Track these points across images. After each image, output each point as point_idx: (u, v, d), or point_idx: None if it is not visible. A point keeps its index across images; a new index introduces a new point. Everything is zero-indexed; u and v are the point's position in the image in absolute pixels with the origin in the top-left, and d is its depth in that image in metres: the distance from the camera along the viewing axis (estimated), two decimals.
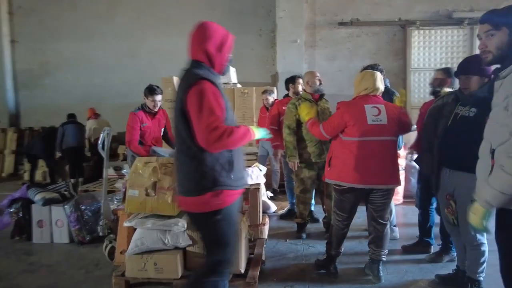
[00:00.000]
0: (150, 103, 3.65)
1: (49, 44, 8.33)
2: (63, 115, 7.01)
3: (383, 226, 2.71)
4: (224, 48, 1.78)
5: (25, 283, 2.80)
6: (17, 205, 3.72)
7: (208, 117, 1.57)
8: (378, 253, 2.72)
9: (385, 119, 2.59)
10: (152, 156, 2.87)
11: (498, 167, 1.46)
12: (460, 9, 7.46)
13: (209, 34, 1.75)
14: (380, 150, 2.57)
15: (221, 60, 1.78)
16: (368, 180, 2.56)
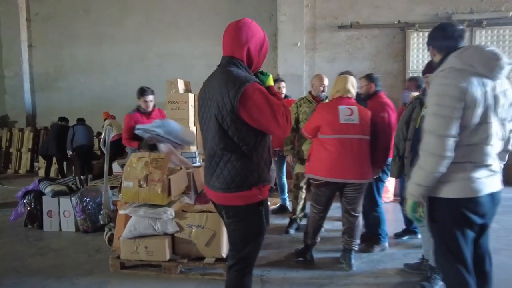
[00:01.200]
0: (142, 104, 3.85)
1: (64, 49, 8.82)
2: (76, 116, 7.45)
3: (355, 218, 2.94)
4: (263, 49, 1.76)
5: (35, 263, 3.16)
6: (30, 196, 4.10)
7: (281, 110, 1.64)
8: (350, 242, 2.95)
9: (357, 119, 2.83)
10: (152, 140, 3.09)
11: (416, 162, 1.71)
12: (459, 11, 7.55)
13: (252, 32, 1.70)
14: (352, 147, 2.80)
15: (259, 60, 1.76)
16: (341, 175, 2.80)
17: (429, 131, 1.68)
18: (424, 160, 1.69)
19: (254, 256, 1.85)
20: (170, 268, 2.84)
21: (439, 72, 1.76)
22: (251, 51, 1.69)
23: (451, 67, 1.71)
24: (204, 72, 9.05)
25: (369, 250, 3.29)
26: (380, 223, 3.32)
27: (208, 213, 2.88)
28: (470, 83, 1.63)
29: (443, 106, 1.65)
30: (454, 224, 1.70)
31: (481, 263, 1.80)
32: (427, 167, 1.67)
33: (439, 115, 1.65)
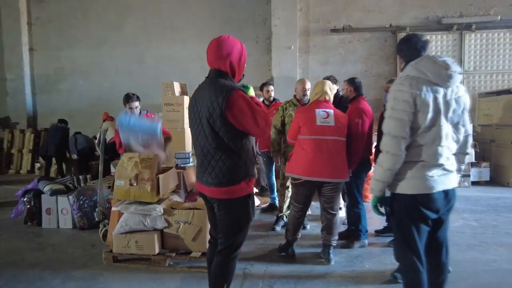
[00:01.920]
0: (128, 110, 4.04)
1: (64, 52, 9.04)
2: (76, 117, 7.71)
3: (332, 215, 3.12)
4: (242, 60, 1.99)
5: (33, 257, 3.36)
6: (30, 195, 4.30)
7: (261, 114, 1.88)
8: (328, 239, 3.13)
9: (333, 122, 3.02)
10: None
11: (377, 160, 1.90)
12: (449, 14, 7.73)
13: (231, 46, 1.93)
14: (328, 148, 2.98)
15: (240, 69, 2.00)
16: (316, 174, 2.98)
17: (385, 132, 1.87)
18: (381, 158, 1.88)
19: (241, 242, 2.07)
20: (159, 262, 3.03)
21: (398, 79, 1.95)
22: (232, 63, 1.94)
23: (407, 75, 1.90)
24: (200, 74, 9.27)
25: (349, 246, 3.47)
26: (361, 219, 3.49)
27: (194, 210, 3.08)
28: (422, 90, 1.81)
29: (397, 110, 1.84)
30: (409, 218, 1.88)
31: (437, 255, 1.98)
32: (384, 164, 1.86)
33: (393, 118, 1.85)
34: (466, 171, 6.42)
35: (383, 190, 1.91)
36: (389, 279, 2.77)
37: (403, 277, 1.98)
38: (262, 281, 2.81)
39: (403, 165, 1.86)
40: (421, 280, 1.88)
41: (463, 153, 2.05)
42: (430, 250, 1.96)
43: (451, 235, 3.47)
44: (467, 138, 2.01)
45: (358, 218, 3.50)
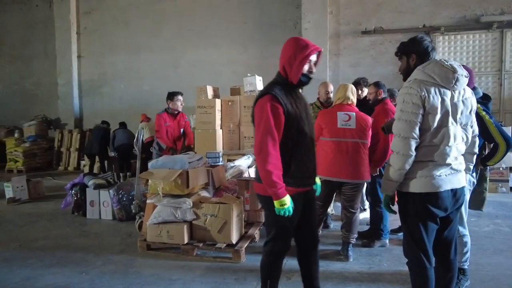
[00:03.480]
0: (173, 104, 4.98)
1: (106, 58, 9.76)
2: (117, 118, 8.26)
3: (352, 214, 3.21)
4: (296, 62, 1.94)
5: (79, 243, 3.78)
6: (76, 188, 4.78)
7: (262, 133, 1.91)
8: (347, 236, 3.23)
9: (354, 124, 3.13)
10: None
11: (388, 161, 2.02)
12: (489, 12, 7.42)
13: (285, 50, 1.99)
14: (349, 149, 3.10)
15: (293, 71, 1.95)
16: (337, 174, 3.10)
17: (395, 134, 1.98)
18: (392, 158, 1.99)
19: (276, 244, 2.10)
20: (187, 251, 3.29)
21: (406, 83, 2.05)
22: (284, 63, 2.01)
23: (415, 78, 1.99)
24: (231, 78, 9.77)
25: (370, 245, 3.53)
26: (382, 219, 3.55)
27: (220, 204, 3.31)
28: (430, 92, 1.90)
29: (406, 112, 1.94)
30: (418, 216, 1.96)
31: (446, 252, 2.04)
32: (395, 164, 1.96)
33: (403, 119, 1.95)
34: (504, 176, 6.15)
35: (394, 189, 2.01)
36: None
37: (410, 272, 2.06)
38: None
39: (413, 164, 1.95)
40: (427, 276, 1.95)
41: (471, 153, 2.10)
42: (438, 248, 2.02)
43: (479, 239, 3.52)
44: (474, 139, 2.07)
45: (380, 218, 3.56)
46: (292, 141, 2.00)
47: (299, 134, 2.00)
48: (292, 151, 2.00)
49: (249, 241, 3.41)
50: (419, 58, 2.04)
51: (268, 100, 1.93)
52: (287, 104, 1.95)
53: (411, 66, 2.08)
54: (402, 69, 2.16)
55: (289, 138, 1.98)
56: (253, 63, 8.53)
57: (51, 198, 5.92)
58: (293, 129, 1.97)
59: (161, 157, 3.55)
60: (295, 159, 2.00)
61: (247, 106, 7.16)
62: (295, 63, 1.95)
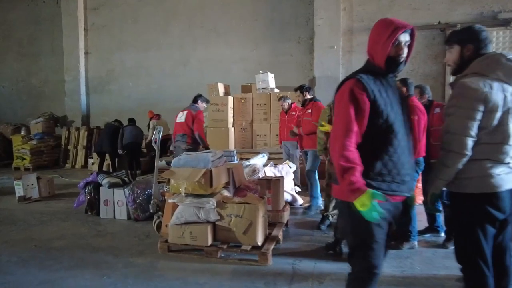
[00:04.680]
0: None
1: (115, 55, 9.65)
2: (125, 116, 8.16)
3: None
4: (380, 43, 1.65)
5: (96, 243, 3.65)
6: (90, 187, 4.66)
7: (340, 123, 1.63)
8: None
9: None
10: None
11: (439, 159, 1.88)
12: (507, 9, 7.26)
13: (371, 31, 1.75)
14: None
15: (378, 52, 1.66)
16: None
17: (450, 131, 1.83)
18: (445, 156, 1.84)
19: (356, 265, 1.70)
20: (211, 253, 3.16)
21: (463, 77, 1.90)
22: (370, 50, 1.74)
23: (474, 72, 1.85)
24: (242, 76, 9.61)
25: (398, 247, 3.40)
26: (411, 220, 3.42)
27: (245, 204, 3.18)
28: (492, 88, 1.76)
29: (465, 108, 1.79)
30: (475, 219, 1.82)
31: (501, 257, 1.90)
32: (449, 163, 1.82)
33: (461, 116, 1.80)
34: None
35: (441, 188, 1.88)
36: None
37: (466, 279, 1.92)
38: (311, 277, 2.84)
39: (467, 163, 1.82)
40: (486, 284, 1.82)
41: None
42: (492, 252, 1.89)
43: None
44: None
45: (409, 220, 3.43)
46: (378, 135, 1.63)
47: (387, 128, 1.62)
48: (377, 147, 1.63)
49: (274, 243, 3.28)
50: (476, 49, 1.89)
51: (350, 85, 1.63)
52: (374, 90, 1.62)
53: (465, 57, 1.93)
54: (452, 60, 2.00)
55: (375, 131, 1.63)
56: (265, 60, 8.40)
57: (61, 196, 5.81)
58: (380, 121, 1.61)
59: (183, 155, 3.42)
60: (381, 157, 1.62)
61: (260, 103, 7.05)
62: (379, 45, 1.66)
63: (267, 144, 6.91)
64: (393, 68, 1.68)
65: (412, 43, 1.71)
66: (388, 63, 1.65)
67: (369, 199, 1.51)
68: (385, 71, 1.68)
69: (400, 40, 1.65)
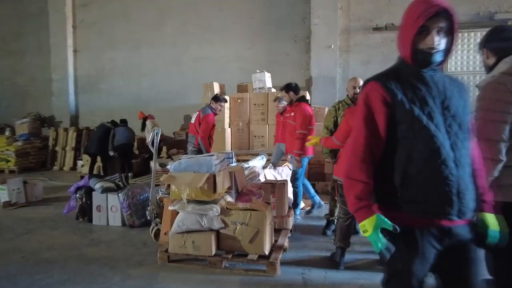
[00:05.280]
0: (218, 107, 5.11)
1: (105, 53, 9.31)
2: (115, 116, 7.86)
3: None
4: (403, 30, 1.37)
5: (90, 253, 3.40)
6: (82, 192, 4.40)
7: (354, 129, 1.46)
8: None
9: None
10: None
11: None
12: (503, 9, 7.25)
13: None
14: None
15: (405, 43, 1.36)
16: None
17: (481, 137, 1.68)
18: None
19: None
20: (215, 263, 2.97)
21: (490, 78, 1.77)
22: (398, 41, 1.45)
23: (502, 72, 1.72)
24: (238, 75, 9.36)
25: None
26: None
27: (252, 211, 2.99)
28: None
29: (494, 112, 1.66)
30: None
31: None
32: None
33: (491, 120, 1.67)
34: None
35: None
36: None
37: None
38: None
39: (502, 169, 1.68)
40: None
41: None
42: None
43: None
44: None
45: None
46: (404, 144, 1.34)
47: (415, 135, 1.32)
48: (401, 159, 1.34)
49: (281, 252, 3.11)
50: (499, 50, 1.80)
51: (366, 90, 1.41)
52: (397, 93, 1.35)
53: (491, 58, 1.85)
54: (484, 63, 1.91)
55: (398, 138, 1.35)
56: (261, 59, 8.22)
57: (49, 201, 5.52)
58: (404, 127, 1.34)
59: (183, 158, 3.21)
60: (407, 170, 1.32)
61: (257, 103, 6.86)
62: (403, 34, 1.37)
63: (265, 145, 6.73)
64: (424, 63, 1.35)
65: (453, 29, 1.34)
66: (417, 56, 1.34)
67: (371, 225, 1.30)
68: (415, 66, 1.37)
69: (428, 26, 1.31)
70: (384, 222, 1.29)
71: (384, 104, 1.36)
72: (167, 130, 8.51)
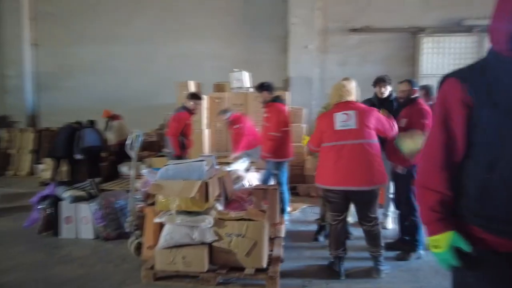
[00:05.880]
0: (195, 106, 4.59)
1: (70, 48, 8.61)
2: (82, 116, 7.26)
3: (369, 227, 2.83)
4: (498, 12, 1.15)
5: (62, 273, 2.98)
6: (47, 202, 3.91)
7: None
8: (373, 251, 2.86)
9: (354, 124, 2.74)
10: None
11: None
12: (472, 16, 7.54)
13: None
14: (350, 153, 2.70)
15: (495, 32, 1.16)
16: (342, 182, 2.71)
17: None
18: None
19: None
20: (208, 279, 2.69)
21: None
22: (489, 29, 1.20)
23: None
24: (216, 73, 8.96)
25: (405, 258, 3.20)
26: (417, 229, 3.23)
27: (248, 221, 2.76)
28: None
29: None
30: None
31: None
32: None
33: None
34: None
35: None
36: None
37: None
38: None
39: None
40: None
41: None
42: None
43: None
44: None
45: (415, 228, 3.24)
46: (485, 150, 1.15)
47: (502, 140, 1.11)
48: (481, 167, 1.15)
49: (279, 262, 2.89)
50: None
51: (443, 88, 1.25)
52: (477, 91, 1.15)
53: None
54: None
55: (478, 144, 1.17)
56: (238, 58, 7.98)
57: (5, 212, 4.88)
58: (488, 131, 1.14)
59: (171, 164, 2.90)
60: (488, 182, 1.13)
61: (236, 103, 6.61)
62: (495, 19, 1.15)
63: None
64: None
65: None
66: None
67: (445, 242, 1.15)
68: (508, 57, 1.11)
69: None
70: (460, 241, 1.14)
71: (463, 104, 1.18)
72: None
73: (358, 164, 2.70)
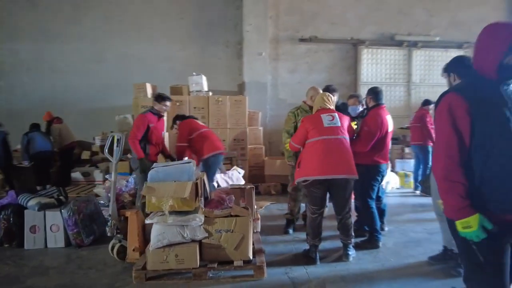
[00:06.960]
0: (160, 107, 4.29)
1: (4, 44, 7.83)
2: (19, 119, 6.74)
3: (344, 218, 3.28)
4: (491, 47, 1.50)
5: (40, 284, 2.88)
6: (7, 212, 3.67)
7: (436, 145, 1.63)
8: (345, 239, 3.31)
9: (338, 123, 3.27)
10: None
11: None
12: (400, 32, 8.66)
13: (478, 37, 1.57)
14: (338, 146, 3.18)
15: (485, 61, 1.52)
16: (329, 171, 3.10)
17: None
18: None
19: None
20: (200, 274, 2.87)
21: None
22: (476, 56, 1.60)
23: None
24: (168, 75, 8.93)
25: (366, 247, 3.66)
26: (374, 218, 3.73)
27: (236, 217, 3.00)
28: None
29: None
30: None
31: None
32: None
33: None
34: None
35: None
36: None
37: None
38: (312, 284, 2.85)
39: None
40: None
41: None
42: None
43: None
44: None
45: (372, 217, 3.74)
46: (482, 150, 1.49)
47: (492, 142, 1.47)
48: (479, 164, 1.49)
49: (263, 254, 3.18)
50: None
51: (446, 100, 1.56)
52: (472, 104, 1.50)
53: None
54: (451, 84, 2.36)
55: (477, 146, 1.51)
56: (193, 61, 8.04)
57: None
58: (482, 135, 1.49)
59: (160, 167, 3.00)
60: (488, 166, 1.47)
61: (197, 107, 6.72)
62: (487, 51, 1.52)
63: None
64: (509, 77, 1.50)
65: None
66: (502, 71, 1.48)
67: (476, 222, 1.45)
68: (497, 80, 1.51)
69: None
70: (485, 220, 1.46)
71: (468, 113, 1.49)
72: (86, 135, 7.64)
73: (343, 155, 3.15)
